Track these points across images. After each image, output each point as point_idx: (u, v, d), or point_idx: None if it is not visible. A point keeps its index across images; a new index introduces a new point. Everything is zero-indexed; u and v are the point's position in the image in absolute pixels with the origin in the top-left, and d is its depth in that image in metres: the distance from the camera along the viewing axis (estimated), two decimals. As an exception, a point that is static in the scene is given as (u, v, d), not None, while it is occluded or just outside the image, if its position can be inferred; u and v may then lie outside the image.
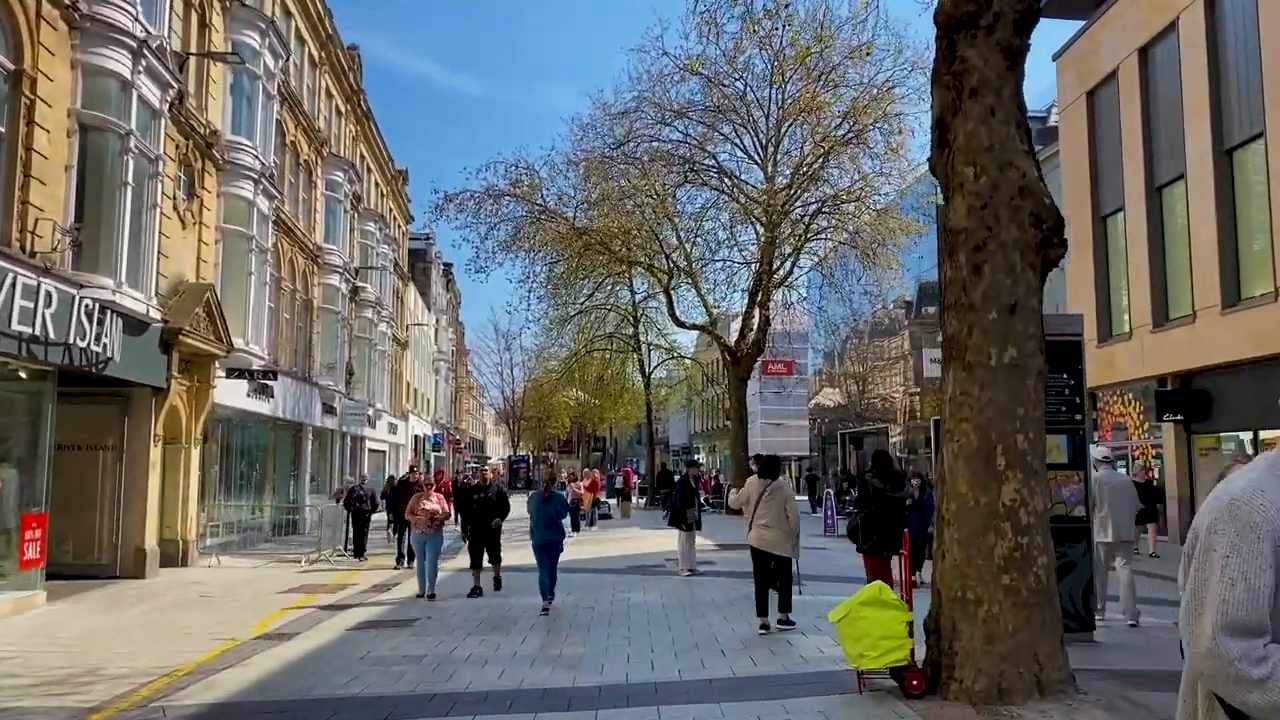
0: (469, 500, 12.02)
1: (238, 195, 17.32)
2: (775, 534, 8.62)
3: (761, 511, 8.67)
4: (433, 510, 11.77)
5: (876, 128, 24.88)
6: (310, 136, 23.68)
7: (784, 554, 8.67)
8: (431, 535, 11.71)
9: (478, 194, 24.91)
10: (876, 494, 9.19)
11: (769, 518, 8.64)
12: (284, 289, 21.80)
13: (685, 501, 13.18)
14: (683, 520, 13.07)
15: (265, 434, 21.72)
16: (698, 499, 13.34)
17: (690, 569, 13.11)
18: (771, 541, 8.63)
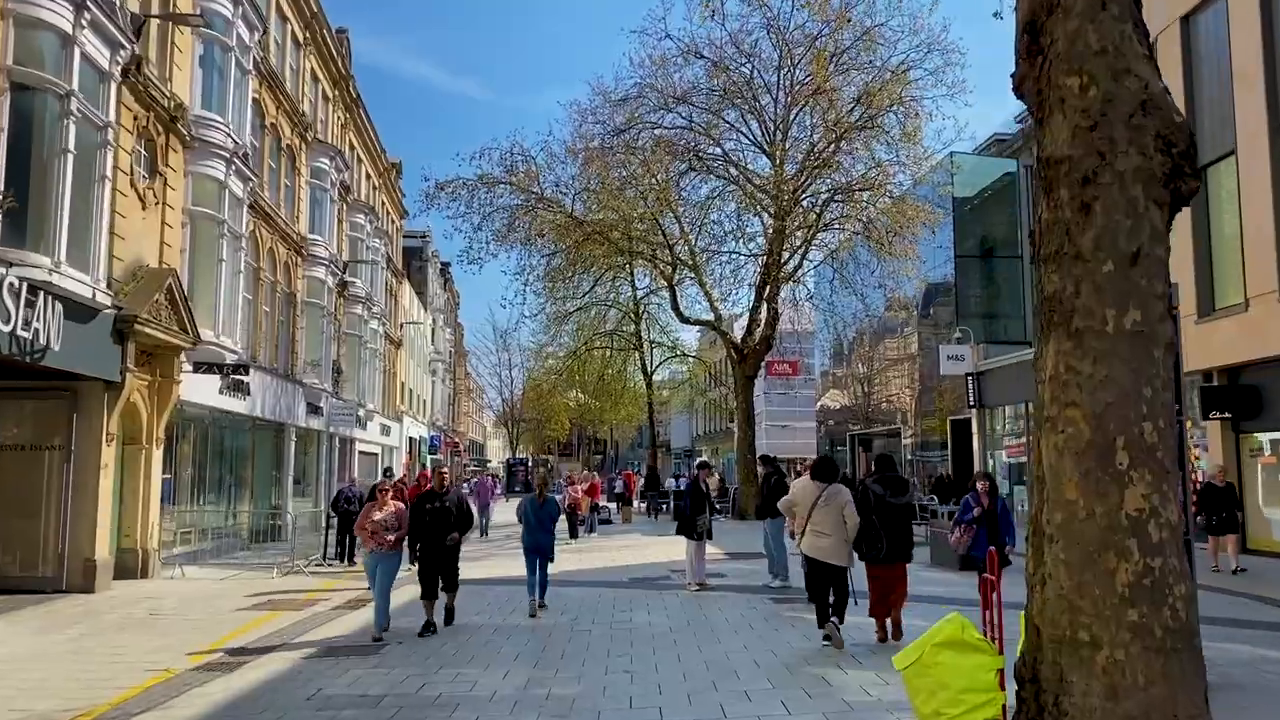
0: (420, 512, 9.46)
1: (207, 175, 16.00)
2: (832, 542, 8.09)
3: (817, 518, 8.14)
4: (384, 521, 9.34)
5: (891, 112, 23.60)
6: (293, 120, 22.37)
7: (840, 563, 8.14)
8: (385, 555, 9.31)
9: (470, 181, 23.60)
10: (877, 501, 8.44)
11: (825, 524, 8.11)
12: (263, 280, 20.48)
13: (695, 507, 11.79)
14: (692, 529, 11.72)
15: (243, 434, 20.38)
16: (709, 504, 11.95)
17: (700, 583, 11.76)
18: (827, 550, 8.10)
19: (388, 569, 9.36)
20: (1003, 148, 30.03)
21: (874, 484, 8.67)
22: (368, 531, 9.27)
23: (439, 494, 9.59)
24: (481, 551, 18.62)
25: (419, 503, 9.61)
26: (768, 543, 12.02)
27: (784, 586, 11.66)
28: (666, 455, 70.83)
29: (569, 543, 19.78)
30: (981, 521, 9.22)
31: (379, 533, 9.24)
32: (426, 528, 9.38)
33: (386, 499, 9.51)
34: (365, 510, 9.57)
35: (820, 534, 8.11)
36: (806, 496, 8.29)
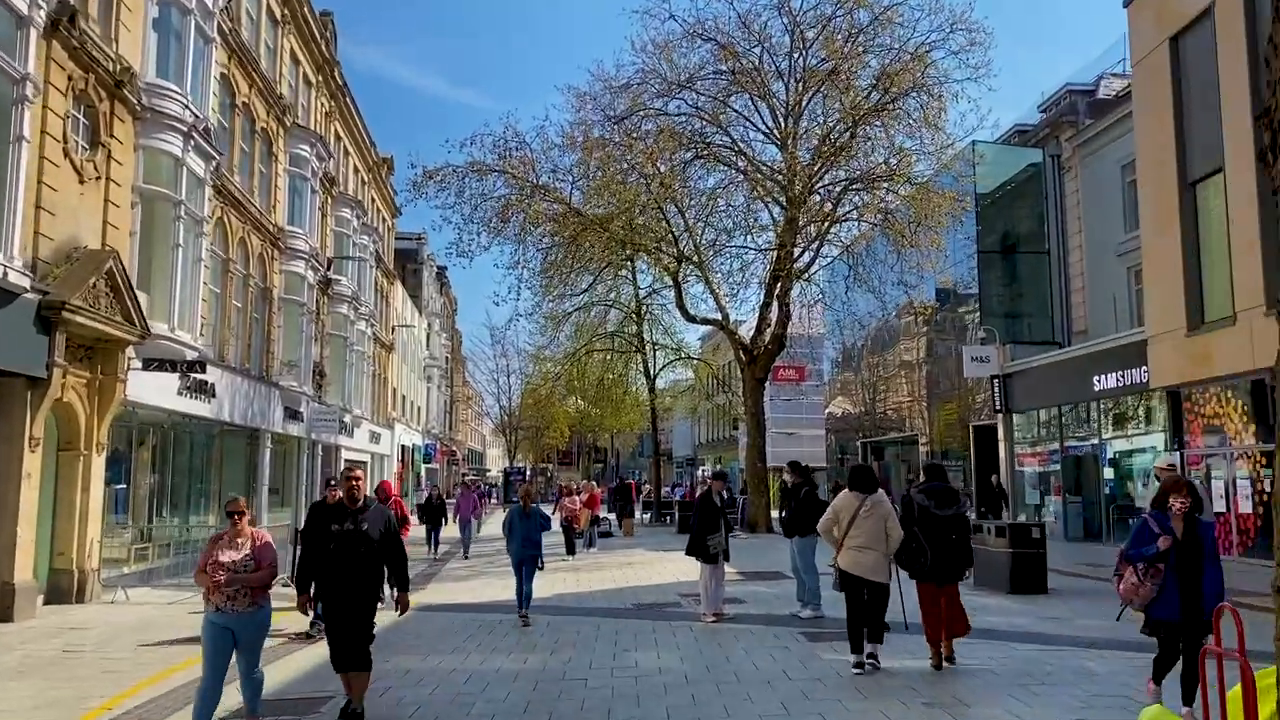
0: (317, 536, 6.24)
1: (161, 150, 14.33)
2: (873, 557, 7.49)
3: (856, 531, 7.55)
4: (233, 565, 5.63)
5: (911, 94, 21.95)
6: (269, 102, 20.73)
7: (881, 580, 7.52)
8: (240, 615, 5.66)
9: (461, 169, 21.93)
10: (921, 513, 7.78)
11: (865, 537, 7.51)
12: (233, 272, 18.79)
13: (707, 524, 10.06)
14: (703, 550, 9.95)
15: (209, 440, 18.68)
16: (725, 521, 10.17)
17: (716, 613, 10.01)
18: (869, 566, 7.48)
19: (253, 635, 5.79)
20: (1025, 139, 28.44)
21: (919, 494, 7.94)
22: (209, 579, 5.62)
23: (352, 509, 6.23)
24: (468, 570, 16.90)
25: (315, 521, 6.39)
26: (795, 565, 10.29)
27: (816, 617, 9.92)
28: (668, 464, 68.98)
29: (566, 559, 18.05)
30: (1169, 559, 5.83)
31: (221, 580, 5.58)
32: (329, 562, 6.10)
33: (243, 526, 5.84)
34: (209, 546, 5.90)
35: (861, 548, 7.48)
36: (847, 508, 7.65)
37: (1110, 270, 23.61)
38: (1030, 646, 8.40)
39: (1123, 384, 19.29)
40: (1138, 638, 8.53)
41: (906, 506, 7.94)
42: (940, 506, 7.77)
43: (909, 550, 7.61)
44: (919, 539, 7.61)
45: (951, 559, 7.63)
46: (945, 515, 7.73)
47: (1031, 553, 12.11)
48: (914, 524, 7.70)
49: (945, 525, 7.67)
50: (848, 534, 7.55)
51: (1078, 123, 25.65)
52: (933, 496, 7.87)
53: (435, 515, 20.08)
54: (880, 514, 7.57)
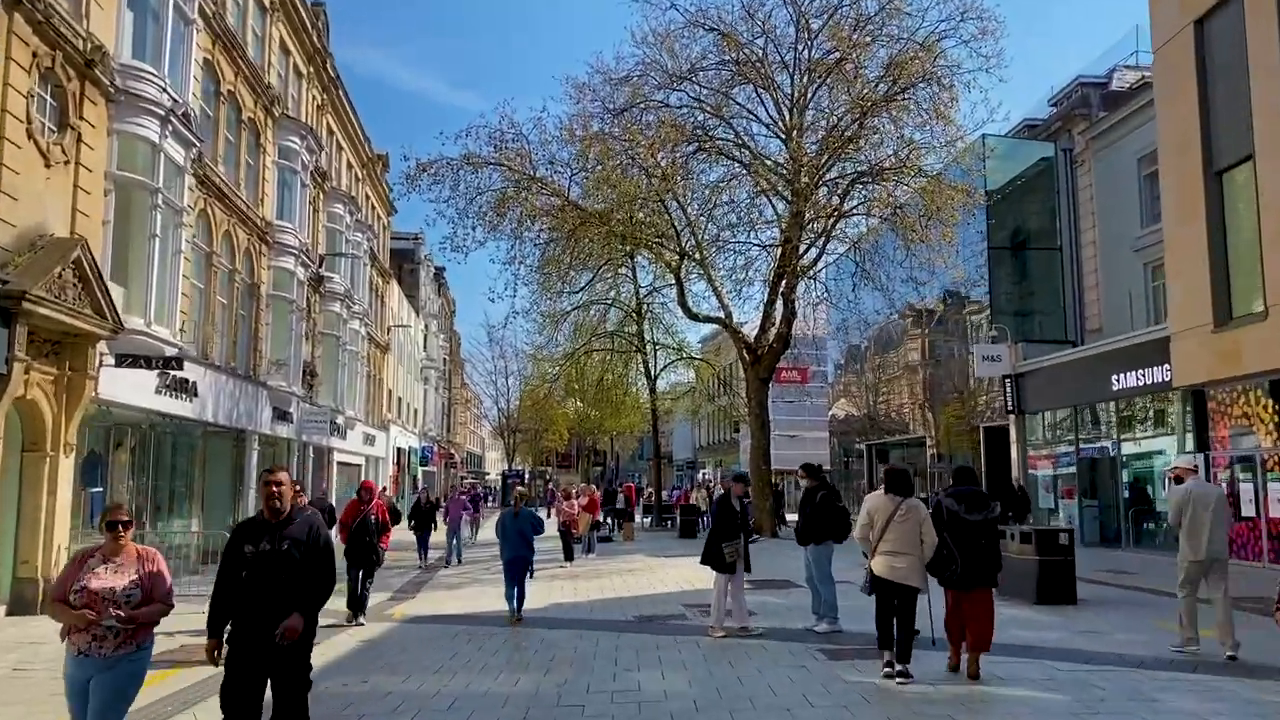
0: (234, 561, 4.77)
1: (137, 135, 13.59)
2: (908, 562, 7.23)
3: (890, 536, 7.28)
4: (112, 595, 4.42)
5: (920, 85, 21.22)
6: (256, 91, 19.99)
7: (915, 585, 7.26)
8: (107, 660, 4.39)
9: (455, 161, 21.19)
10: (950, 517, 7.56)
11: (900, 543, 7.25)
12: (217, 266, 18.05)
13: (724, 530, 9.16)
14: (720, 559, 9.11)
15: (193, 442, 17.92)
16: (747, 528, 9.34)
17: (743, 627, 9.20)
18: (904, 572, 7.22)
19: (107, 689, 4.39)
20: (1035, 133, 27.74)
21: (947, 498, 7.75)
22: (72, 613, 4.38)
23: (274, 522, 4.80)
24: (461, 577, 16.14)
25: (233, 542, 4.83)
26: (810, 575, 9.52)
27: (834, 632, 9.16)
28: (668, 467, 68.27)
29: (564, 566, 17.29)
30: None
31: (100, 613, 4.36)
32: (245, 592, 4.68)
33: (126, 541, 4.60)
34: (74, 564, 4.59)
35: (896, 553, 7.22)
36: (881, 511, 7.39)
37: (1126, 266, 22.90)
38: (1074, 666, 7.64)
39: (1143, 383, 18.55)
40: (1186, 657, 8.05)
41: (936, 512, 7.65)
42: (970, 511, 7.54)
43: (939, 557, 7.38)
44: (949, 545, 7.40)
45: (982, 564, 7.41)
46: (975, 520, 7.50)
47: (1059, 560, 11.35)
48: (944, 529, 7.46)
49: (975, 530, 7.45)
50: (881, 539, 7.30)
51: (1091, 115, 24.97)
52: (962, 501, 7.64)
53: (424, 520, 18.91)
54: (915, 519, 7.31)
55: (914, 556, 7.24)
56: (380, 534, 10.84)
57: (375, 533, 10.69)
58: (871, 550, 7.36)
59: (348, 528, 10.69)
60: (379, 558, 10.82)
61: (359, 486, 11.17)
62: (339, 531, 10.67)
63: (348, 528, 10.69)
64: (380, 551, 10.83)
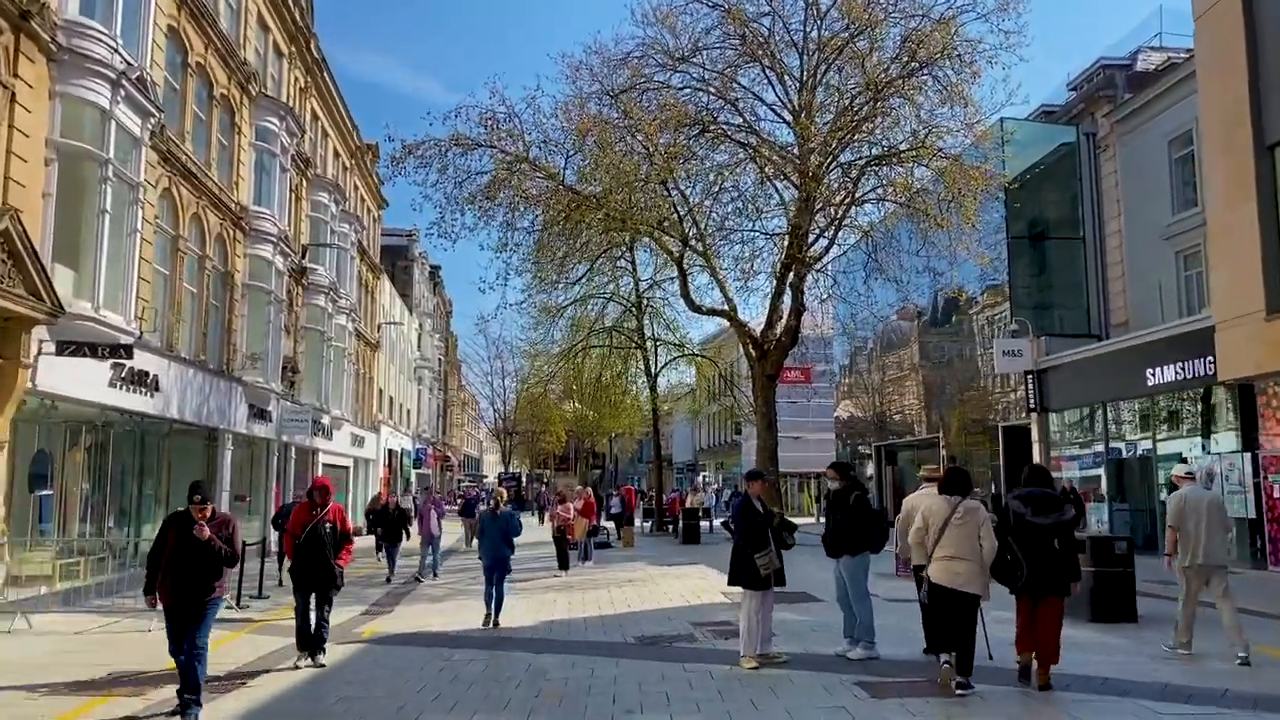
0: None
1: (83, 99, 12.27)
2: (967, 568, 6.83)
3: (949, 540, 6.89)
4: None
5: (939, 61, 19.87)
6: (229, 65, 18.67)
7: (976, 591, 6.86)
8: None
9: (443, 142, 19.82)
10: (1017, 520, 7.08)
11: (957, 546, 6.86)
12: (184, 251, 16.71)
13: (753, 539, 7.74)
14: (753, 574, 7.67)
15: (157, 441, 16.58)
16: (782, 531, 7.95)
17: (764, 655, 7.81)
18: (963, 577, 6.82)
19: None
20: (1054, 118, 26.46)
21: (1014, 500, 7.23)
22: None
23: None
24: (448, 588, 14.78)
25: None
26: (842, 591, 8.17)
27: (870, 659, 7.82)
28: (669, 469, 67.04)
29: (558, 575, 15.94)
30: None
31: None
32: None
33: None
34: None
35: (954, 559, 6.80)
36: (937, 514, 6.97)
37: (1155, 256, 21.59)
38: (1176, 709, 6.30)
39: (1182, 377, 17.22)
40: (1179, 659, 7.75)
41: (1002, 514, 7.26)
42: (1038, 513, 7.00)
43: (1003, 562, 6.98)
44: (1013, 550, 6.96)
45: (1052, 571, 6.89)
46: (1044, 524, 6.97)
47: (1118, 572, 10.06)
48: (1009, 533, 7.03)
49: (1044, 534, 6.94)
50: (937, 542, 6.89)
51: (1116, 97, 23.67)
52: (1030, 503, 7.07)
53: (393, 528, 16.19)
54: (974, 521, 6.88)
55: (973, 562, 6.78)
56: (339, 548, 8.32)
57: (332, 547, 8.24)
58: (928, 555, 6.93)
59: (295, 540, 8.31)
60: (337, 580, 8.29)
61: (310, 487, 8.63)
62: (284, 543, 9.01)
63: (295, 540, 8.31)
64: (339, 572, 8.27)
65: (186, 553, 6.48)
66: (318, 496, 8.45)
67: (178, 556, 6.50)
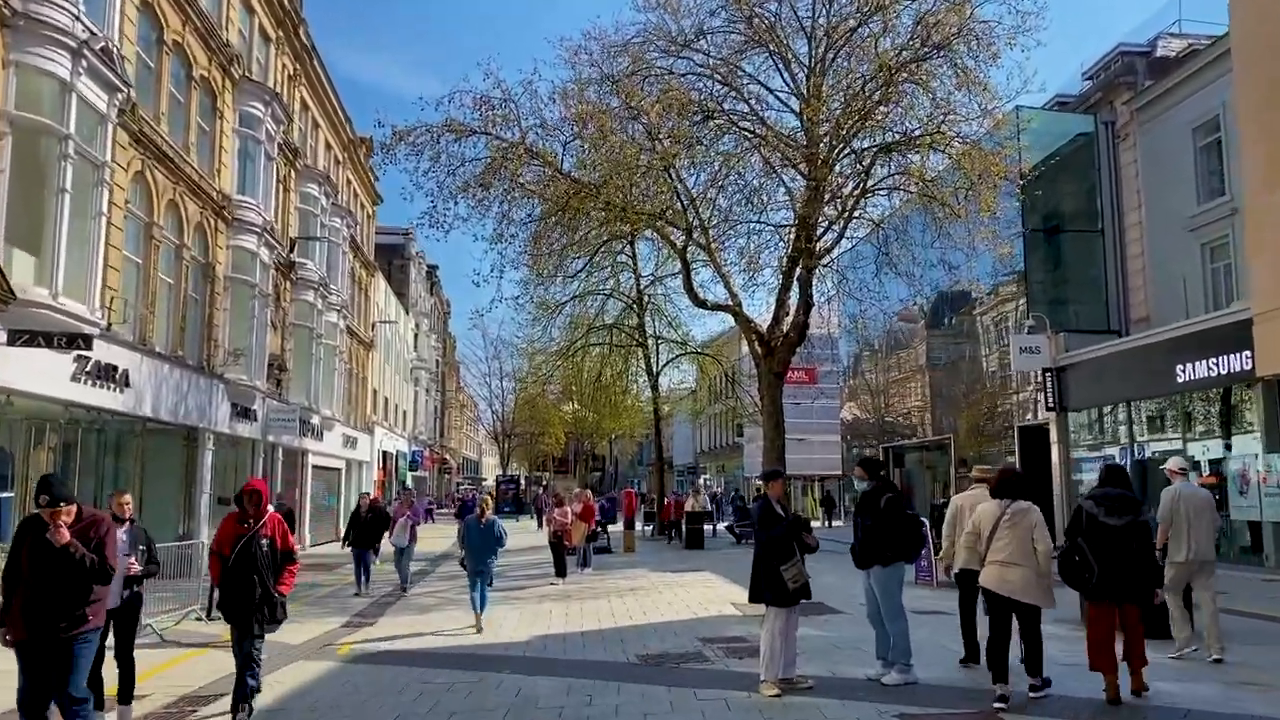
0: None
1: (40, 69, 11.36)
2: (1021, 573, 6.37)
3: (1000, 544, 6.49)
4: None
5: (956, 42, 18.95)
6: (210, 46, 17.76)
7: (1032, 601, 6.37)
8: None
9: (435, 128, 18.90)
10: (1089, 521, 6.65)
11: (1010, 551, 6.44)
12: (159, 239, 15.78)
13: (777, 549, 6.78)
14: (779, 588, 6.73)
15: (129, 441, 15.66)
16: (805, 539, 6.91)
17: (786, 680, 6.84)
18: (1016, 584, 6.36)
19: None
20: (1069, 108, 25.56)
21: (1087, 500, 6.84)
22: None
23: None
24: (438, 597, 13.82)
25: None
26: (873, 607, 7.21)
27: (907, 683, 6.87)
28: (669, 472, 66.13)
29: (555, 583, 14.99)
30: None
31: None
32: None
33: None
34: None
35: (1007, 564, 6.43)
36: (987, 517, 6.67)
37: (1178, 248, 20.66)
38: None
39: (1216, 373, 16.28)
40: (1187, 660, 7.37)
41: (1075, 515, 6.89)
42: (1111, 514, 6.58)
43: (1073, 564, 6.63)
44: (1083, 551, 6.58)
45: (1128, 574, 6.46)
46: (1117, 525, 6.53)
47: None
48: (1080, 535, 6.66)
49: (1117, 536, 6.51)
50: (989, 547, 6.55)
51: (1136, 84, 22.77)
52: (1104, 503, 6.65)
53: (368, 534, 14.37)
54: (1025, 524, 6.48)
55: (1027, 568, 6.37)
56: (279, 571, 6.49)
57: (270, 569, 6.38)
58: (981, 561, 6.59)
59: (223, 562, 6.41)
60: (275, 611, 6.42)
61: (239, 492, 6.65)
62: (210, 565, 6.89)
63: (223, 562, 6.41)
64: (280, 603, 6.45)
65: (41, 567, 5.07)
66: (248, 504, 6.47)
67: (31, 573, 5.09)
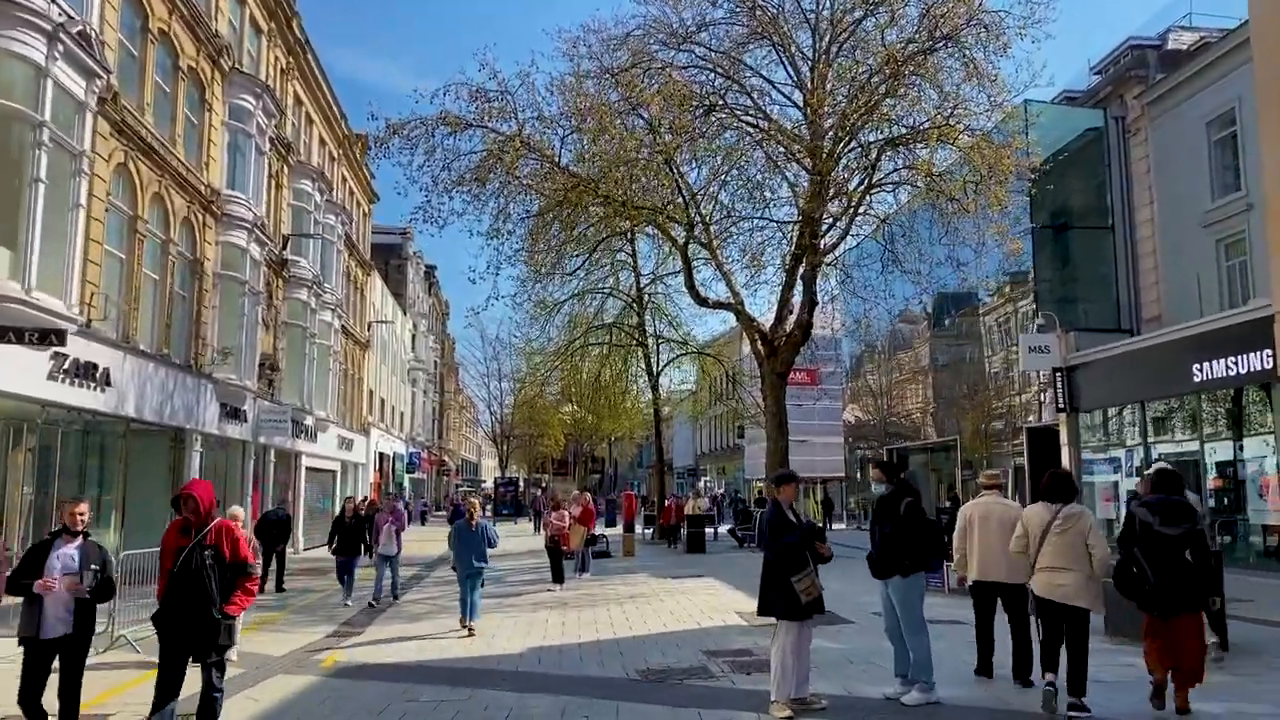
0: None
1: (12, 51, 10.84)
2: (1073, 579, 6.14)
3: (1050, 549, 6.24)
4: None
5: (964, 31, 18.46)
6: (199, 38, 17.27)
7: (1083, 604, 6.14)
8: None
9: (430, 120, 18.41)
10: (1143, 529, 6.33)
11: (1060, 556, 6.20)
12: (143, 233, 15.27)
13: (789, 559, 6.24)
14: (790, 600, 6.20)
15: (113, 442, 15.14)
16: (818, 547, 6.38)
17: (799, 700, 6.32)
18: (1068, 590, 6.13)
19: None
20: (1078, 103, 25.08)
21: (1140, 508, 6.58)
22: None
23: None
24: (430, 604, 13.30)
25: None
26: (892, 620, 6.70)
27: (929, 702, 6.36)
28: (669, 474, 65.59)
29: (552, 589, 14.47)
30: None
31: None
32: None
33: None
34: None
35: (1057, 569, 6.26)
36: (1037, 522, 6.45)
37: (1192, 244, 20.17)
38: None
39: (1235, 372, 15.77)
40: None
41: (1128, 523, 6.63)
42: (1167, 523, 6.32)
43: (1129, 575, 6.41)
44: (1140, 561, 6.33)
45: (1183, 584, 6.20)
46: (1174, 534, 6.27)
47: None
48: (1134, 544, 6.40)
49: (1174, 545, 6.28)
50: (1039, 552, 6.34)
51: (1148, 78, 22.27)
52: (1159, 511, 6.40)
53: (351, 540, 13.56)
54: (1079, 528, 6.28)
55: (1078, 572, 6.18)
56: (229, 588, 5.59)
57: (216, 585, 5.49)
58: (1030, 566, 6.40)
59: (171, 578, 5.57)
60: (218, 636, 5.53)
61: (177, 494, 5.77)
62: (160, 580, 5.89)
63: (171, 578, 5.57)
64: (228, 626, 5.63)
65: None
66: (185, 510, 5.60)
67: None
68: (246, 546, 5.80)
